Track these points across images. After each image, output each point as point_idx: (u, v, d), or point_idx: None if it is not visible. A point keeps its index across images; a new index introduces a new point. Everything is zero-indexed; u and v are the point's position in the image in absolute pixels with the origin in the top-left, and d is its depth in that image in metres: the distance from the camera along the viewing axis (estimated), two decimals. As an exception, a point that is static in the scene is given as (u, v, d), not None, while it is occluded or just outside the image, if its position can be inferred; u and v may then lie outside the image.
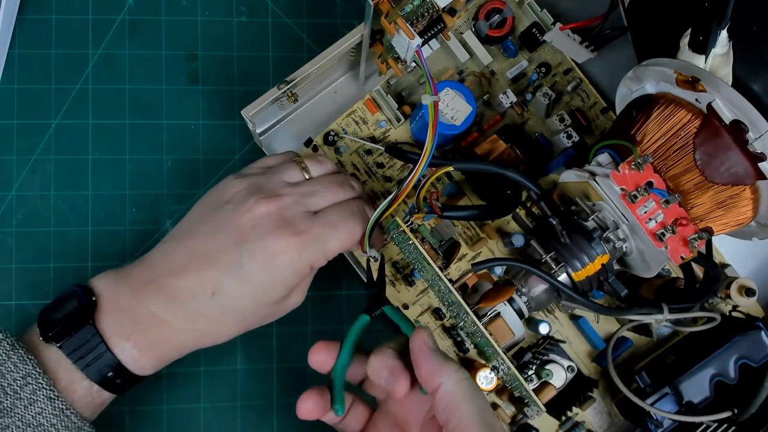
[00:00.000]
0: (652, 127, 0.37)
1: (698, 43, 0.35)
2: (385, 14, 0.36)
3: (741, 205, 0.37)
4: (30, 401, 0.35)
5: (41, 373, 0.35)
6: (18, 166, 0.47)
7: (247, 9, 0.50)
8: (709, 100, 0.35)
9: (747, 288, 0.43)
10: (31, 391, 0.35)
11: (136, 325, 0.37)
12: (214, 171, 0.49)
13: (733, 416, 0.40)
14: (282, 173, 0.40)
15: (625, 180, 0.36)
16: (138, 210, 0.48)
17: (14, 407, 0.34)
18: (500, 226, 0.47)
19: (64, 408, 0.35)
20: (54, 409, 0.35)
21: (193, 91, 0.49)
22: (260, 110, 0.42)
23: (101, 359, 0.36)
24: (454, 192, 0.47)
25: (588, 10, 0.45)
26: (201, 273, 0.37)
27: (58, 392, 0.35)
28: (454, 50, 0.47)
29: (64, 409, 0.35)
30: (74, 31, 0.49)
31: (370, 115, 0.47)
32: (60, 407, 0.35)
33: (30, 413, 0.35)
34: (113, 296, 0.37)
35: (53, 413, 0.35)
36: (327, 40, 0.41)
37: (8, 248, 0.47)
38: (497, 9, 0.47)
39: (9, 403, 0.35)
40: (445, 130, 0.44)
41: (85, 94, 0.48)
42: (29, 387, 0.35)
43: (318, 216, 0.39)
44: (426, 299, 0.46)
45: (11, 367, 0.35)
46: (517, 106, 0.47)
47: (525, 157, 0.44)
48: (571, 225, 0.39)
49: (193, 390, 0.47)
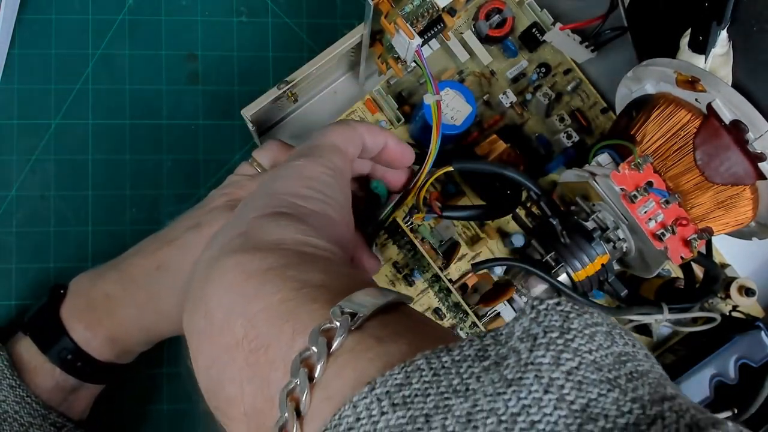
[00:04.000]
0: (652, 127, 0.37)
1: (698, 43, 0.35)
2: (385, 14, 0.36)
3: (741, 205, 0.37)
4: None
5: (8, 365, 0.39)
6: (18, 166, 0.47)
7: (247, 9, 0.50)
8: (709, 100, 0.35)
9: (747, 288, 0.43)
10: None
11: (89, 306, 0.40)
12: (214, 171, 0.49)
13: (733, 416, 0.40)
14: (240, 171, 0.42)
15: (625, 180, 0.36)
16: (138, 210, 0.48)
17: None
18: (500, 226, 0.47)
19: (24, 395, 0.38)
20: (15, 397, 0.38)
21: (193, 91, 0.49)
22: (260, 110, 0.42)
23: (59, 343, 0.39)
24: (454, 192, 0.47)
25: (588, 10, 0.45)
26: (155, 251, 0.39)
27: (20, 381, 0.39)
28: (454, 50, 0.47)
29: (24, 396, 0.38)
30: (74, 31, 0.49)
31: (370, 115, 0.47)
32: (21, 394, 0.38)
33: None
34: (77, 285, 0.41)
35: (15, 400, 0.38)
36: (327, 40, 0.41)
37: (8, 248, 0.47)
38: (497, 9, 0.47)
39: None
40: (445, 130, 0.44)
41: (85, 94, 0.48)
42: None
43: None
44: (426, 299, 0.46)
45: None
46: (517, 106, 0.47)
47: (525, 157, 0.44)
48: (571, 225, 0.39)
49: (193, 390, 0.47)
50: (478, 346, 0.20)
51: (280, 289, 0.24)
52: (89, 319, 0.40)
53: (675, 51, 0.37)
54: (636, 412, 0.17)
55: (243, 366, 0.23)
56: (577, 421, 0.17)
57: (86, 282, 0.41)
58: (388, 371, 0.19)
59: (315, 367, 0.21)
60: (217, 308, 0.24)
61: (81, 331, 0.40)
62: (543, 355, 0.18)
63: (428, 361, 0.19)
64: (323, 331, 0.22)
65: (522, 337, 0.19)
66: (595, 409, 0.17)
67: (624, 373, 0.18)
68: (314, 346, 0.21)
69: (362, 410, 0.19)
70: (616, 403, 0.17)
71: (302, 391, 0.21)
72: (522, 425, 0.17)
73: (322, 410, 0.20)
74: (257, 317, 0.23)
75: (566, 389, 0.17)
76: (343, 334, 0.22)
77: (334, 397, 0.20)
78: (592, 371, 0.18)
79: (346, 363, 0.21)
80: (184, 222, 0.40)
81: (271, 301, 0.23)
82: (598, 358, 0.19)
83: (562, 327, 0.19)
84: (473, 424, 0.17)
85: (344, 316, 0.22)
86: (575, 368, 0.18)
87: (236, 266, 0.25)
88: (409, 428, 0.18)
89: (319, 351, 0.21)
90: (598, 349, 0.19)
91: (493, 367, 0.19)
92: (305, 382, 0.21)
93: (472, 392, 0.18)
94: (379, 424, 0.18)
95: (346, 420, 0.19)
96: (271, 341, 0.23)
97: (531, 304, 0.20)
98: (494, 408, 0.17)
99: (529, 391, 0.17)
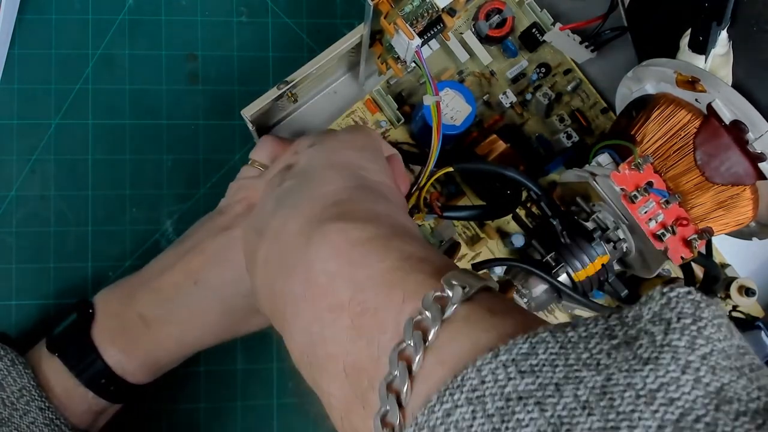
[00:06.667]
0: (652, 128, 0.37)
1: (698, 43, 0.35)
2: (385, 14, 0.36)
3: (741, 205, 0.37)
4: (24, 411, 0.37)
5: (35, 386, 0.38)
6: (18, 166, 0.47)
7: (247, 9, 0.50)
8: (709, 101, 0.35)
9: (747, 288, 0.43)
10: (26, 402, 0.37)
11: (123, 329, 0.39)
12: (214, 171, 0.49)
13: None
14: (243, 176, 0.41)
15: (625, 180, 0.36)
16: (138, 210, 0.48)
17: (12, 417, 0.37)
18: (500, 226, 0.47)
19: (54, 417, 0.37)
20: (45, 419, 0.37)
21: (193, 91, 0.49)
22: (260, 110, 0.42)
23: (93, 366, 0.38)
24: (454, 192, 0.47)
25: (588, 10, 0.45)
26: (186, 264, 0.38)
27: (49, 402, 0.38)
28: (454, 50, 0.47)
29: (54, 419, 0.37)
30: (74, 31, 0.49)
31: (370, 115, 0.47)
32: (50, 416, 0.37)
33: (24, 422, 0.37)
34: (106, 305, 0.39)
35: (44, 422, 0.37)
36: (327, 40, 0.41)
37: (8, 248, 0.47)
38: (497, 9, 0.47)
39: (7, 413, 0.37)
40: (445, 130, 0.43)
41: (85, 94, 0.48)
42: (24, 398, 0.37)
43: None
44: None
45: (11, 381, 0.38)
46: (517, 106, 0.47)
47: (525, 157, 0.44)
48: (571, 225, 0.39)
49: (193, 390, 0.47)
50: (604, 325, 0.20)
51: (387, 258, 0.25)
52: (124, 342, 0.39)
53: (675, 51, 0.37)
54: (764, 399, 0.18)
55: (348, 326, 0.24)
56: (714, 402, 0.18)
57: (115, 302, 0.40)
58: (511, 340, 0.20)
59: (429, 330, 0.22)
60: (321, 273, 0.25)
61: (115, 355, 0.38)
62: (678, 338, 0.19)
63: (553, 335, 0.20)
64: (436, 298, 0.22)
65: (654, 320, 0.20)
66: (729, 393, 0.18)
67: (746, 364, 0.19)
68: (428, 311, 0.22)
69: (487, 374, 0.19)
70: (746, 390, 0.18)
71: (416, 352, 0.21)
72: (662, 401, 0.17)
73: (434, 372, 0.21)
74: (365, 283, 0.24)
75: (702, 372, 0.18)
76: (457, 302, 0.22)
77: (448, 362, 0.21)
78: (723, 358, 0.19)
79: (459, 330, 0.22)
80: (207, 231, 0.39)
81: (379, 267, 0.24)
82: (726, 347, 0.19)
83: (694, 315, 0.19)
84: (609, 396, 0.18)
85: (456, 287, 0.23)
86: (708, 354, 0.19)
87: (340, 233, 0.26)
88: (539, 394, 0.18)
89: (433, 315, 0.22)
90: (725, 339, 0.19)
91: (623, 346, 0.19)
92: (420, 343, 0.22)
93: (604, 367, 0.19)
94: (506, 389, 0.19)
95: (470, 382, 0.19)
96: (379, 305, 0.24)
97: (661, 291, 0.20)
98: (631, 383, 0.18)
99: (666, 371, 0.18)
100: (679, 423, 0.17)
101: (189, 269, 0.38)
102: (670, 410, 0.17)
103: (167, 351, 0.39)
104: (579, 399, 0.18)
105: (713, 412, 0.17)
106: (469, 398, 0.19)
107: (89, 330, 0.39)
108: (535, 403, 0.18)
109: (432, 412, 0.20)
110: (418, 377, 0.21)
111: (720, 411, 0.17)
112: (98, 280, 0.47)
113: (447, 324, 0.22)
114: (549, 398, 0.18)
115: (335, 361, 0.24)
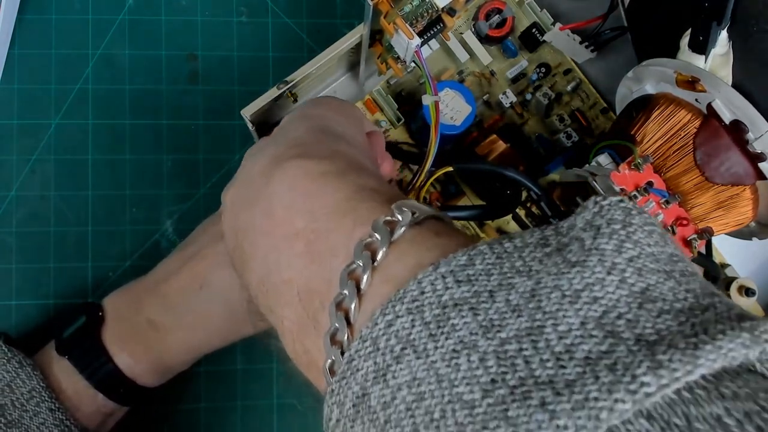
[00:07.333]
0: (652, 128, 0.37)
1: (698, 43, 0.35)
2: (385, 14, 0.36)
3: (741, 205, 0.37)
4: (35, 413, 0.38)
5: (44, 387, 0.38)
6: (18, 166, 0.47)
7: (247, 9, 0.50)
8: (709, 100, 0.35)
9: (747, 288, 0.43)
10: (36, 403, 0.38)
11: (132, 333, 0.39)
12: (214, 171, 0.49)
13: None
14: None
15: (625, 180, 0.36)
16: (138, 210, 0.48)
17: (21, 419, 0.38)
18: (500, 226, 0.47)
19: (63, 418, 0.38)
20: (55, 419, 0.38)
21: (193, 91, 0.49)
22: (260, 110, 0.42)
23: (103, 369, 0.39)
24: (454, 192, 0.47)
25: (588, 10, 0.45)
26: (191, 269, 0.39)
27: (59, 404, 0.38)
28: (454, 50, 0.47)
29: (63, 420, 0.38)
30: (74, 31, 0.49)
31: (370, 115, 0.47)
32: (60, 417, 0.38)
33: (35, 423, 0.38)
34: (115, 309, 0.40)
35: (54, 423, 0.38)
36: (327, 40, 0.41)
37: (8, 248, 0.47)
38: (497, 9, 0.47)
39: (17, 415, 0.38)
40: (444, 130, 0.44)
41: (85, 94, 0.48)
42: (34, 400, 0.38)
43: None
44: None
45: (19, 383, 0.38)
46: (517, 106, 0.47)
47: (525, 157, 0.44)
48: (571, 225, 0.39)
49: (193, 390, 0.47)
50: (540, 235, 0.21)
51: (341, 189, 0.26)
52: (133, 345, 0.39)
53: (675, 51, 0.36)
54: (690, 300, 0.18)
55: (302, 251, 0.25)
56: (637, 301, 0.18)
57: (124, 306, 0.40)
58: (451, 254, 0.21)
59: (377, 251, 0.23)
60: (279, 205, 0.26)
61: (125, 358, 0.39)
62: (606, 242, 0.20)
63: (491, 247, 0.21)
64: (386, 222, 0.23)
65: (584, 227, 0.20)
66: (654, 293, 0.18)
67: (677, 269, 0.20)
68: (378, 234, 0.23)
69: (426, 285, 0.20)
70: (672, 291, 0.19)
71: (364, 271, 0.22)
72: (586, 299, 0.18)
73: (381, 290, 0.22)
74: (319, 212, 0.25)
75: (627, 273, 0.19)
76: (405, 225, 0.23)
77: (394, 280, 0.22)
78: (651, 261, 0.19)
79: (406, 250, 0.23)
80: (209, 236, 0.39)
81: (334, 198, 0.25)
82: (656, 252, 0.20)
83: (624, 221, 0.20)
84: (537, 299, 0.19)
85: (406, 212, 0.23)
86: (636, 257, 0.19)
87: (298, 168, 0.27)
88: (473, 301, 0.19)
89: (382, 238, 0.23)
90: (655, 245, 0.20)
91: (555, 253, 0.20)
92: (368, 263, 0.22)
93: (535, 273, 0.19)
94: (443, 297, 0.20)
95: (411, 294, 0.20)
96: (331, 230, 0.24)
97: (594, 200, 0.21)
98: (558, 285, 0.19)
99: (592, 272, 0.19)
100: (602, 320, 0.18)
101: (194, 274, 0.39)
102: (593, 308, 0.18)
103: (176, 355, 0.40)
104: (510, 303, 0.19)
105: (636, 310, 0.18)
106: (409, 308, 0.20)
107: (99, 333, 0.39)
108: (469, 309, 0.19)
109: (375, 324, 0.20)
110: (365, 296, 0.22)
111: (642, 309, 0.18)
112: (98, 280, 0.47)
113: (395, 245, 0.23)
114: (482, 304, 0.19)
115: (290, 286, 0.25)
